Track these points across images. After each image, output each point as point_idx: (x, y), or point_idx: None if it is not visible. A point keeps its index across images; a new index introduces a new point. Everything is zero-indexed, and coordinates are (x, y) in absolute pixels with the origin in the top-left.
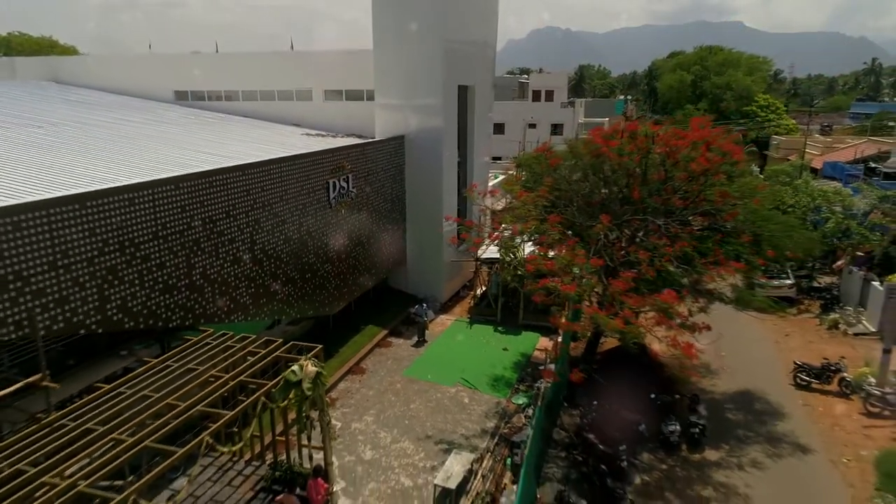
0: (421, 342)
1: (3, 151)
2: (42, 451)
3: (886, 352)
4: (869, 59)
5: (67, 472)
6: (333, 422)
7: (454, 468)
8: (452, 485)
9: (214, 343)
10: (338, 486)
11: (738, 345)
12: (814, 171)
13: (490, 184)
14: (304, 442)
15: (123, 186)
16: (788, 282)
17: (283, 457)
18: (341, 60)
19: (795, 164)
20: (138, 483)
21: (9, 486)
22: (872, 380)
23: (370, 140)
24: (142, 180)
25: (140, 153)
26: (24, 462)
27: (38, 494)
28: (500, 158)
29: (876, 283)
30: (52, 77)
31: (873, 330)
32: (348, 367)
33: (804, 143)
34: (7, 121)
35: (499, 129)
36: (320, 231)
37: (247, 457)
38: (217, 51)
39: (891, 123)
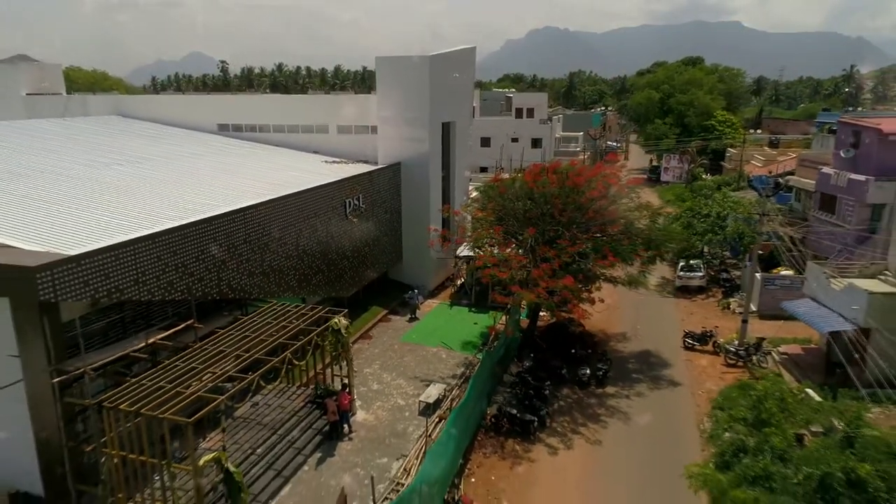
0: (413, 319)
1: (140, 186)
2: (199, 360)
3: (744, 322)
4: (865, 59)
5: (217, 370)
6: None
7: (433, 392)
8: (431, 401)
9: (278, 308)
10: (357, 403)
11: (652, 321)
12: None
13: (468, 196)
14: (336, 373)
15: (230, 212)
16: (700, 274)
17: (322, 384)
18: (351, 103)
19: (717, 180)
20: (258, 372)
21: (187, 375)
22: (736, 342)
23: (375, 168)
24: (237, 207)
25: (218, 183)
26: (191, 363)
27: (200, 379)
28: (486, 169)
29: (757, 275)
30: (117, 111)
31: (754, 309)
32: (359, 335)
33: (741, 156)
34: (116, 158)
35: (485, 142)
36: (339, 236)
37: (297, 384)
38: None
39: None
